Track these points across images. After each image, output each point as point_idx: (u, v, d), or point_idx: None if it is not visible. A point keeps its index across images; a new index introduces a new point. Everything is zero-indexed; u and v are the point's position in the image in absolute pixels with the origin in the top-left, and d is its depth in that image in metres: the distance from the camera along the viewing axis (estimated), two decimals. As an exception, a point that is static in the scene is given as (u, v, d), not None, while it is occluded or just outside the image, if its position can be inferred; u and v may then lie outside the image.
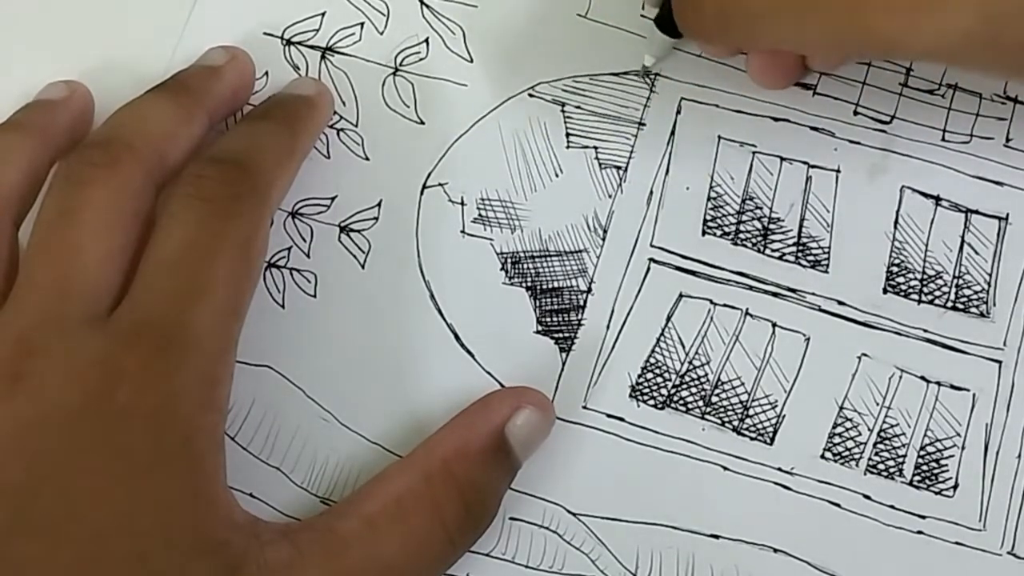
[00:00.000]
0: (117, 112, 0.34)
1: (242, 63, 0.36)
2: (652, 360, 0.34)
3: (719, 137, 0.36)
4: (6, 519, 0.28)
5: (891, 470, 0.33)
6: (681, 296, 0.35)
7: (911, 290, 0.35)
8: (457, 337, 0.35)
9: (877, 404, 0.34)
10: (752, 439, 0.34)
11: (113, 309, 0.31)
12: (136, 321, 0.30)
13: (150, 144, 0.33)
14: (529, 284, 0.35)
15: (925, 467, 0.33)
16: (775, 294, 0.35)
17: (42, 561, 0.28)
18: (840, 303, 0.35)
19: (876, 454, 0.33)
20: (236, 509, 0.30)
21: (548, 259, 0.35)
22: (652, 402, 0.34)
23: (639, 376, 0.34)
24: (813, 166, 0.36)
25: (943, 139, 0.36)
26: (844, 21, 0.29)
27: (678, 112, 0.36)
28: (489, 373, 0.35)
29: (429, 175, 0.36)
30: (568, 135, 0.36)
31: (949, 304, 0.35)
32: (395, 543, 0.30)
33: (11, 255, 0.32)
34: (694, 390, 0.34)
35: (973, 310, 0.34)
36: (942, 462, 0.33)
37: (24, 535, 0.28)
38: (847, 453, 0.33)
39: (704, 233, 0.35)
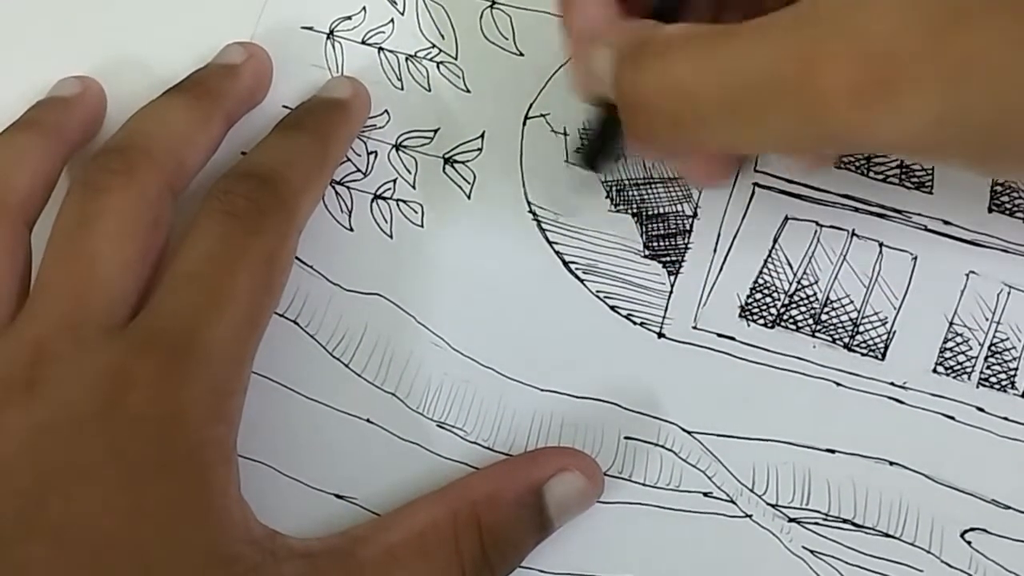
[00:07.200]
0: (135, 116, 0.34)
1: (259, 61, 0.37)
2: (760, 281, 0.35)
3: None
4: (13, 522, 0.28)
5: (1003, 383, 0.34)
6: (787, 219, 0.35)
7: (1016, 208, 0.35)
8: (566, 264, 0.35)
9: (987, 319, 0.34)
10: (863, 355, 0.34)
11: (130, 317, 0.31)
12: (153, 330, 0.30)
13: (168, 150, 0.33)
14: (635, 210, 0.36)
15: (1037, 379, 0.34)
16: (880, 215, 0.35)
17: (46, 564, 0.28)
18: (946, 223, 0.35)
19: (988, 367, 0.34)
20: (253, 523, 0.30)
21: (652, 186, 0.36)
22: (762, 321, 0.35)
23: (748, 296, 0.35)
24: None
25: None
26: (802, 119, 0.25)
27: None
28: (598, 297, 0.35)
29: (531, 106, 0.37)
30: (667, 64, 0.36)
31: (1054, 220, 0.35)
32: None
33: (26, 258, 0.33)
34: (803, 309, 0.35)
35: (1079, 225, 0.35)
36: (1053, 374, 0.34)
37: (30, 538, 0.28)
38: (959, 367, 0.34)
39: (806, 157, 0.36)
